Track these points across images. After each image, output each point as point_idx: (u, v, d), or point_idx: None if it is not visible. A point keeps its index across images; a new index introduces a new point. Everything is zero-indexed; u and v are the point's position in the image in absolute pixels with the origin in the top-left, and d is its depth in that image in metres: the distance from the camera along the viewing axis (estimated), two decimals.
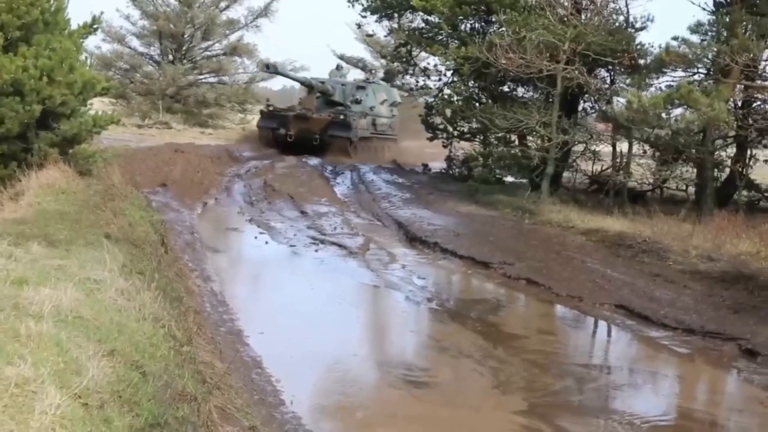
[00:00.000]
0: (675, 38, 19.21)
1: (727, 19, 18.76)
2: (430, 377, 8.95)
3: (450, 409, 7.98)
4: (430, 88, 31.05)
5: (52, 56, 11.88)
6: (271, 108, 33.17)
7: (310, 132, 31.29)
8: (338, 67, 38.24)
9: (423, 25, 26.47)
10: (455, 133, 26.83)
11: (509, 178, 24.30)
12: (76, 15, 16.60)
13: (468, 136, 26.42)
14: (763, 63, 19.95)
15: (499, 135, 23.43)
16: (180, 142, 27.83)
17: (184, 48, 42.86)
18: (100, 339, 5.31)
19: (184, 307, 8.19)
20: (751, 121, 19.45)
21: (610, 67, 21.83)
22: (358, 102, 34.77)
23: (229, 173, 25.08)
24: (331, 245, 15.65)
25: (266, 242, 15.95)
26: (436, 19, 24.49)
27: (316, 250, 15.27)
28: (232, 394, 6.72)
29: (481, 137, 25.42)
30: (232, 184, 23.17)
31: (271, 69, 33.47)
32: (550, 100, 21.02)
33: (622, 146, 21.71)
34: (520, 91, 24.48)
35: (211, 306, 10.34)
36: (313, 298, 12.25)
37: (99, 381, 4.59)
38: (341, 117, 32.17)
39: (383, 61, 41.85)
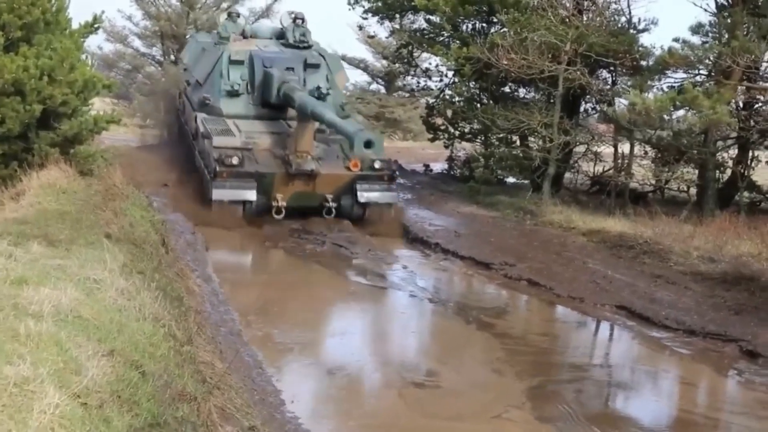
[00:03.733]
0: (676, 40, 19.20)
1: (729, 21, 18.74)
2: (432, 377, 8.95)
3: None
4: (432, 89, 30.99)
5: (53, 56, 11.87)
6: (233, 162, 16.71)
7: (314, 197, 17.37)
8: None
9: (425, 25, 26.44)
10: (456, 133, 26.79)
11: (511, 179, 24.25)
12: (78, 15, 16.62)
13: (469, 136, 26.38)
14: (764, 64, 19.94)
15: (501, 136, 23.37)
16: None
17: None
18: (100, 339, 5.31)
19: (184, 306, 8.18)
20: (752, 123, 19.43)
21: (611, 69, 21.80)
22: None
23: None
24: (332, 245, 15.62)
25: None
26: (438, 20, 24.47)
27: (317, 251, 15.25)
28: (232, 394, 6.71)
29: (483, 138, 25.39)
30: None
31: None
32: (552, 101, 20.99)
33: (624, 147, 21.69)
34: (522, 91, 24.44)
35: (211, 305, 10.34)
36: (314, 298, 12.27)
37: (98, 380, 4.59)
38: (378, 166, 17.65)
39: (384, 62, 41.80)
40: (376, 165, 17.40)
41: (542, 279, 13.30)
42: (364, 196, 17.33)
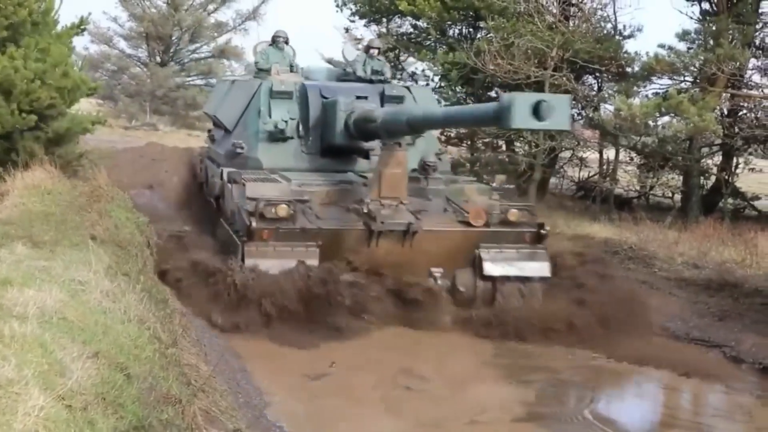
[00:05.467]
0: (662, 46, 19.32)
1: (714, 28, 18.86)
2: None
3: None
4: None
5: (46, 60, 11.83)
6: (278, 214, 10.46)
7: (410, 269, 11.03)
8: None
9: (411, 30, 26.45)
10: (442, 138, 26.81)
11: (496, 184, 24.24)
12: (63, 16, 16.58)
13: (455, 141, 26.43)
14: (748, 72, 20.10)
15: (487, 140, 23.42)
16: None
17: (171, 50, 42.70)
18: (85, 341, 5.28)
19: (169, 309, 8.16)
20: (737, 130, 19.54)
21: (597, 74, 21.89)
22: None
23: None
24: None
25: None
26: (425, 24, 24.48)
27: None
28: (217, 397, 6.70)
29: (468, 142, 25.42)
30: None
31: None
32: None
33: (609, 153, 21.77)
34: None
35: None
36: None
37: (83, 383, 4.56)
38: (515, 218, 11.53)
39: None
40: (511, 217, 11.17)
41: None
42: (493, 266, 11.09)
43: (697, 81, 19.32)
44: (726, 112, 20.29)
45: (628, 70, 20.51)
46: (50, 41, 12.41)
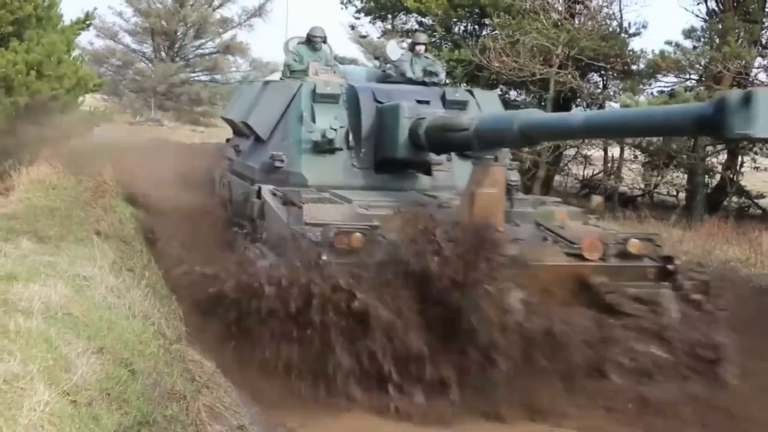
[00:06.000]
0: (668, 43, 19.28)
1: (720, 26, 18.82)
2: None
3: None
4: None
5: (40, 51, 11.85)
6: (352, 243, 7.82)
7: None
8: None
9: (416, 26, 26.46)
10: None
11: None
12: (69, 11, 16.61)
13: None
14: (754, 70, 20.05)
15: None
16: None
17: (176, 46, 42.75)
18: (90, 336, 5.29)
19: (173, 304, 8.16)
20: None
21: (602, 72, 21.84)
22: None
23: None
24: None
25: None
26: (430, 21, 24.48)
27: None
28: (221, 393, 6.70)
29: None
30: None
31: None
32: (543, 103, 21.00)
33: (614, 151, 21.73)
34: (513, 94, 24.46)
35: None
36: None
37: (88, 378, 4.57)
38: (636, 250, 8.84)
39: (376, 62, 41.83)
40: (632, 248, 8.86)
41: None
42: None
43: (703, 79, 19.28)
44: None
45: (634, 67, 20.50)
46: (54, 35, 12.42)
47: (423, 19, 25.25)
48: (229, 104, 15.14)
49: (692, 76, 19.80)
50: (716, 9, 19.89)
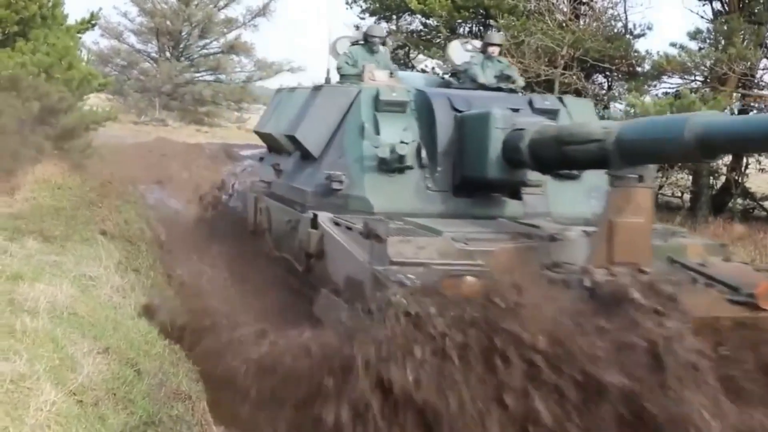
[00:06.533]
0: (674, 45, 19.25)
1: (725, 28, 18.80)
2: None
3: None
4: None
5: (51, 52, 11.87)
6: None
7: None
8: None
9: (421, 27, 26.48)
10: None
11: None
12: (74, 11, 16.60)
13: None
14: (760, 72, 20.03)
15: None
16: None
17: (181, 45, 42.79)
18: (95, 336, 5.31)
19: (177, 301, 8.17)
20: None
21: (607, 73, 21.84)
22: None
23: None
24: None
25: None
26: (435, 22, 24.50)
27: None
28: None
29: None
30: None
31: None
32: None
33: None
34: None
35: None
36: None
37: (94, 378, 4.59)
38: None
39: None
40: None
41: None
42: None
43: (708, 80, 19.26)
44: (736, 112, 20.22)
45: (639, 69, 20.47)
46: (59, 35, 12.44)
47: (427, 21, 25.29)
48: (263, 115, 12.55)
49: (697, 78, 19.78)
50: (721, 10, 19.87)
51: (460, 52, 11.39)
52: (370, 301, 5.62)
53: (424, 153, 8.45)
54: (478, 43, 11.31)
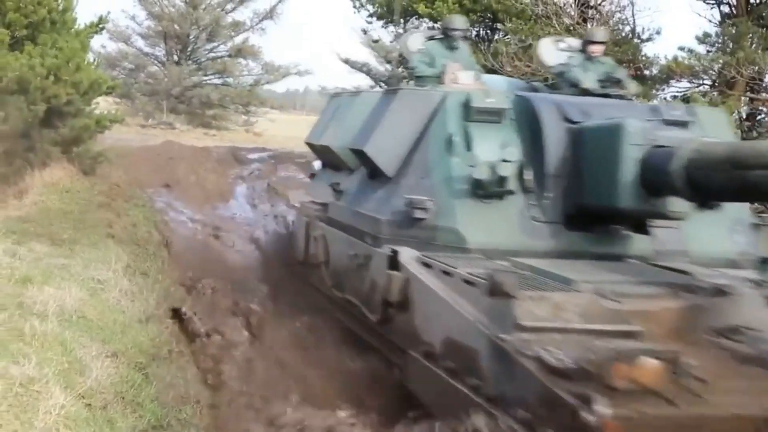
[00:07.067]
0: (682, 48, 19.21)
1: (734, 31, 18.76)
2: None
3: None
4: None
5: (59, 55, 11.89)
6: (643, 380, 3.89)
7: None
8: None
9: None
10: None
11: None
12: (82, 14, 16.65)
13: None
14: None
15: None
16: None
17: (189, 49, 42.84)
18: (104, 339, 5.32)
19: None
20: (755, 134, 19.43)
21: None
22: None
23: None
24: None
25: None
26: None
27: None
28: None
29: None
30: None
31: None
32: None
33: None
34: None
35: None
36: None
37: (102, 381, 4.60)
38: None
39: (388, 66, 41.88)
40: None
41: None
42: None
43: (716, 84, 19.22)
44: (745, 116, 20.18)
45: (647, 72, 20.44)
46: (68, 39, 12.47)
47: (435, 25, 25.30)
48: (316, 125, 10.55)
49: (705, 82, 19.74)
50: (729, 14, 19.83)
51: (552, 51, 9.81)
52: (490, 380, 4.55)
53: (527, 174, 6.83)
54: (574, 41, 9.84)
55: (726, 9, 20.09)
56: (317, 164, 10.35)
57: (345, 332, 7.24)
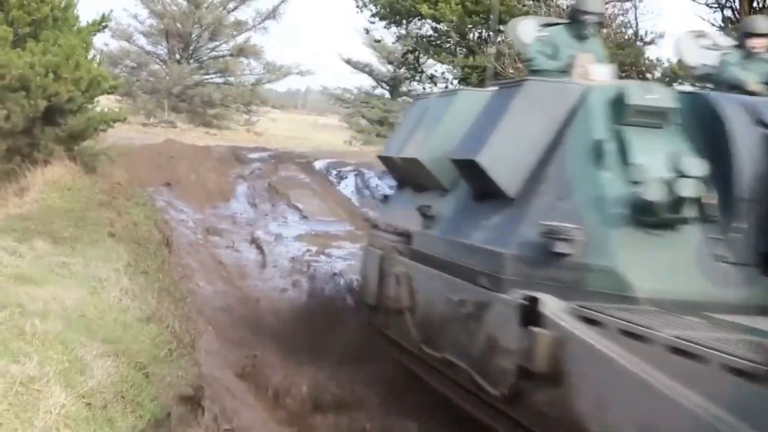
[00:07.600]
0: None
1: (736, 35, 18.77)
2: None
3: None
4: None
5: (59, 53, 11.88)
6: None
7: None
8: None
9: (431, 32, 26.45)
10: None
11: None
12: (85, 12, 16.60)
13: None
14: None
15: None
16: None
17: (191, 48, 42.83)
18: (104, 338, 5.30)
19: (187, 307, 8.18)
20: None
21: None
22: None
23: None
24: None
25: None
26: (445, 27, 24.48)
27: None
28: None
29: None
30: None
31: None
32: None
33: None
34: None
35: None
36: None
37: (103, 381, 4.58)
38: None
39: (390, 67, 41.83)
40: None
41: None
42: None
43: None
44: None
45: (649, 76, 20.43)
46: (70, 37, 12.45)
47: (438, 26, 25.28)
48: (394, 135, 8.77)
49: (708, 85, 19.73)
50: (731, 18, 19.83)
51: (694, 48, 8.16)
52: None
53: (709, 197, 4.94)
54: (721, 39, 8.40)
55: (728, 13, 20.11)
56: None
57: (439, 410, 5.82)
